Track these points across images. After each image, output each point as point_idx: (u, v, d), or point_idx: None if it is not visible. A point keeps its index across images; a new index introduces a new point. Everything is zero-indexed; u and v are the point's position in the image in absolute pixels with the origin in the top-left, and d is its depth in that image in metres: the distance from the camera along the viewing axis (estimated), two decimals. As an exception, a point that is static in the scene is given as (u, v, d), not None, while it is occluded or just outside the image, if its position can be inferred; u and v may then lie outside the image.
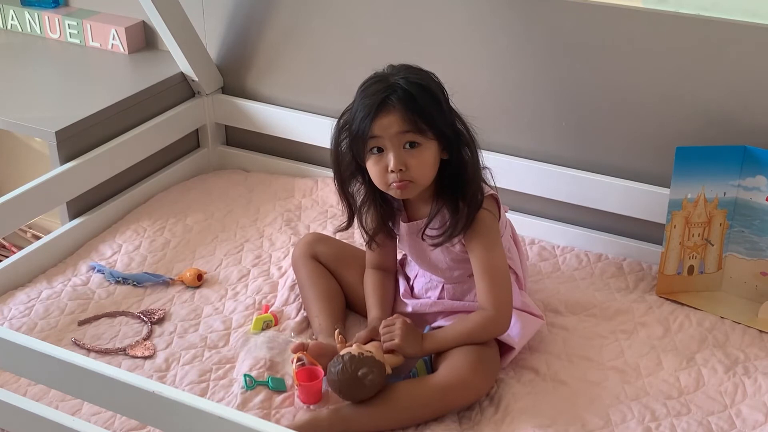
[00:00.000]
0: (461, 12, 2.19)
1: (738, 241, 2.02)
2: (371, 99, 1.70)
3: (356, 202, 1.84)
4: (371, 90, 1.71)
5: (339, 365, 1.67)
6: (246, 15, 2.49)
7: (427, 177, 1.74)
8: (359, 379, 1.66)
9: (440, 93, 1.74)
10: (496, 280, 1.75)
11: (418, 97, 1.69)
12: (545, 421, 1.68)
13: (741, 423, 1.70)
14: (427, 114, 1.69)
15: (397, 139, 1.69)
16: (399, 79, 1.70)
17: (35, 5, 2.74)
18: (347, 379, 1.66)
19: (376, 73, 1.76)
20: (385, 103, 1.68)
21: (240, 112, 2.56)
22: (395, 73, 1.73)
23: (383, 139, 1.70)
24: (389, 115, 1.68)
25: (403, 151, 1.70)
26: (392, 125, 1.69)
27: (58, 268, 2.18)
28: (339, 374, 1.67)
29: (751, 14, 1.93)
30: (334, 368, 1.68)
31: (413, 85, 1.69)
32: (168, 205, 2.41)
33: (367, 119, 1.69)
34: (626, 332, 1.94)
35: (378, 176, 1.74)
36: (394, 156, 1.70)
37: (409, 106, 1.68)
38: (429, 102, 1.70)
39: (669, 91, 2.05)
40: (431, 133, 1.70)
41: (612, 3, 2.04)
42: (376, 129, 1.69)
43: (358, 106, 1.72)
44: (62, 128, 2.22)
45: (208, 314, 2.02)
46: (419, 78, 1.72)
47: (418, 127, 1.69)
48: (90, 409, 1.74)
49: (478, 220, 1.75)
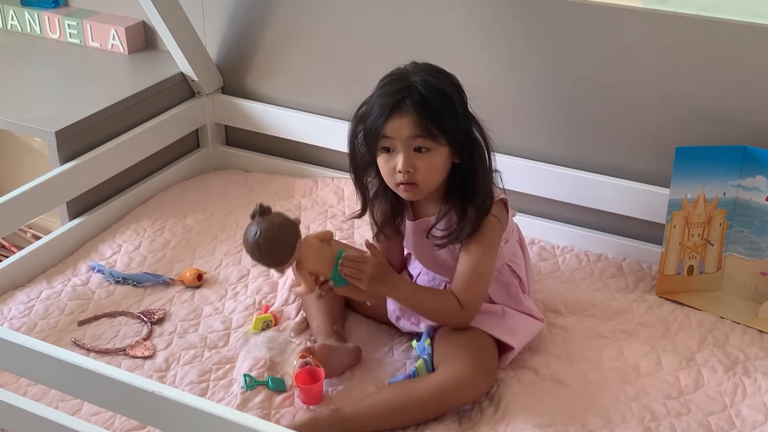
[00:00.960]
0: (461, 12, 2.19)
1: (738, 241, 2.02)
2: (387, 99, 1.69)
3: (369, 192, 1.85)
4: (388, 88, 1.71)
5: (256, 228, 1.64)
6: (246, 15, 2.49)
7: (434, 181, 1.74)
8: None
9: (458, 98, 1.72)
10: (478, 282, 1.76)
11: (432, 102, 1.68)
12: (545, 421, 1.68)
13: (741, 423, 1.70)
14: (441, 120, 1.68)
15: (407, 142, 1.69)
16: (417, 81, 1.69)
17: (35, 5, 2.74)
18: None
19: (397, 68, 1.75)
20: (400, 106, 1.68)
21: (240, 112, 2.56)
22: (415, 72, 1.72)
23: (394, 140, 1.70)
24: (402, 118, 1.68)
25: (413, 153, 1.70)
26: (404, 128, 1.68)
27: (58, 268, 2.18)
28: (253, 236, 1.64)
29: (751, 14, 1.93)
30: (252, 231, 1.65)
31: (430, 89, 1.68)
32: (168, 205, 2.41)
33: (381, 119, 1.69)
34: (626, 332, 1.94)
35: (387, 174, 1.75)
36: (403, 158, 1.70)
37: (422, 111, 1.67)
38: (444, 108, 1.69)
39: (669, 91, 2.05)
40: (443, 138, 1.70)
41: (612, 3, 2.04)
42: (389, 130, 1.69)
43: (374, 102, 1.72)
44: (62, 128, 2.22)
45: (208, 314, 2.02)
46: (438, 81, 1.71)
47: (430, 132, 1.68)
48: (90, 409, 1.74)
49: (484, 223, 1.75)
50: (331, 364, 1.79)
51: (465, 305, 1.75)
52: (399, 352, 1.89)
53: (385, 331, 1.95)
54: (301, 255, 1.68)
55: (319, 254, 1.70)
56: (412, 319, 1.88)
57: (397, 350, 1.90)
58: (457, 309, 1.74)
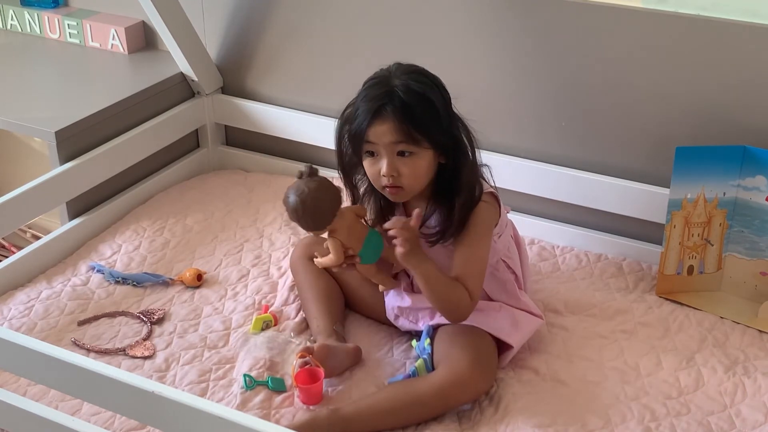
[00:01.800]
0: (461, 12, 2.19)
1: (738, 241, 2.02)
2: (368, 104, 1.70)
3: (359, 191, 1.85)
4: (371, 93, 1.71)
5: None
6: (246, 15, 2.49)
7: (419, 184, 1.75)
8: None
9: (440, 100, 1.72)
10: (478, 269, 1.76)
11: (414, 107, 1.68)
12: (545, 420, 1.68)
13: (741, 423, 1.70)
14: (423, 125, 1.69)
15: (390, 147, 1.70)
16: (398, 86, 1.69)
17: (35, 5, 2.74)
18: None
19: (381, 70, 1.76)
20: (380, 113, 1.69)
21: (240, 112, 2.56)
22: (398, 75, 1.72)
23: (377, 146, 1.71)
24: (383, 124, 1.69)
25: (397, 158, 1.71)
26: (386, 134, 1.69)
27: (57, 268, 2.18)
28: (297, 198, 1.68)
29: (751, 14, 1.93)
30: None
31: (411, 94, 1.69)
32: (168, 205, 2.41)
33: (363, 124, 1.70)
34: (626, 332, 1.94)
35: (373, 177, 1.76)
36: (387, 163, 1.71)
37: (403, 117, 1.68)
38: (425, 113, 1.69)
39: (669, 91, 2.05)
40: (426, 142, 1.70)
41: (612, 3, 2.04)
42: (371, 135, 1.70)
43: (358, 105, 1.73)
44: (62, 128, 2.22)
45: (208, 314, 2.02)
46: (420, 85, 1.70)
47: (411, 137, 1.68)
48: (90, 409, 1.74)
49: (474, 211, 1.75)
50: (330, 364, 1.79)
51: (472, 294, 1.74)
52: (399, 352, 1.89)
53: (385, 331, 1.95)
54: (336, 225, 1.71)
55: (352, 227, 1.74)
56: (411, 318, 1.88)
57: (397, 350, 1.90)
58: (468, 299, 1.74)
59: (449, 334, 1.79)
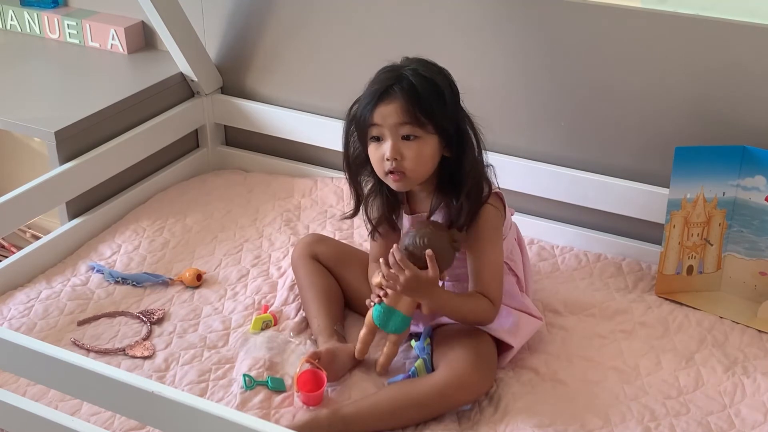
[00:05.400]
0: (461, 12, 2.19)
1: (737, 240, 2.02)
2: (376, 86, 1.71)
3: (364, 191, 1.85)
4: (379, 78, 1.73)
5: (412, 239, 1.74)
6: (246, 15, 2.49)
7: (422, 170, 1.74)
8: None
9: (448, 89, 1.73)
10: (496, 273, 1.77)
11: (421, 90, 1.69)
12: (544, 420, 1.68)
13: (740, 423, 1.70)
14: (429, 108, 1.69)
15: (395, 129, 1.70)
16: (408, 71, 1.71)
17: (35, 5, 2.74)
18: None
19: (390, 63, 1.77)
20: (388, 93, 1.70)
21: (239, 112, 2.56)
22: (407, 64, 1.74)
23: (382, 128, 1.71)
24: (390, 104, 1.69)
25: (401, 141, 1.71)
26: (392, 115, 1.69)
27: (57, 268, 2.18)
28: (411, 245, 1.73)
29: (751, 14, 1.93)
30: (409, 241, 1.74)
31: (420, 78, 1.70)
32: (167, 205, 2.41)
33: (369, 106, 1.71)
34: (625, 332, 1.94)
35: (376, 164, 1.75)
36: (391, 145, 1.71)
37: (411, 98, 1.69)
38: (433, 96, 1.70)
39: (669, 91, 2.05)
40: (431, 127, 1.71)
41: (612, 3, 2.04)
42: (377, 117, 1.70)
43: (365, 92, 1.74)
44: (61, 128, 2.22)
45: (208, 314, 2.02)
46: (429, 72, 1.72)
47: (417, 119, 1.69)
48: (89, 409, 1.74)
49: (482, 214, 1.76)
50: (334, 368, 1.79)
51: (494, 300, 1.75)
52: (399, 352, 1.89)
53: (385, 331, 1.95)
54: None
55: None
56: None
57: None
58: (490, 306, 1.75)
59: (449, 334, 1.79)
